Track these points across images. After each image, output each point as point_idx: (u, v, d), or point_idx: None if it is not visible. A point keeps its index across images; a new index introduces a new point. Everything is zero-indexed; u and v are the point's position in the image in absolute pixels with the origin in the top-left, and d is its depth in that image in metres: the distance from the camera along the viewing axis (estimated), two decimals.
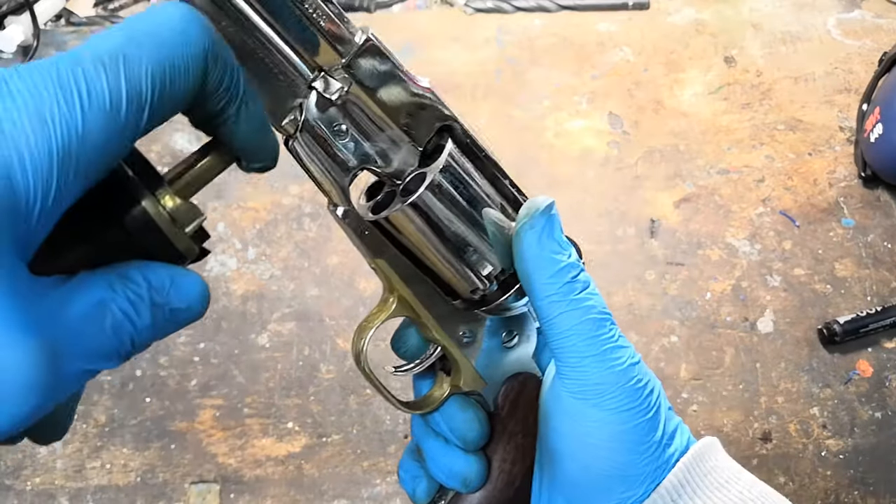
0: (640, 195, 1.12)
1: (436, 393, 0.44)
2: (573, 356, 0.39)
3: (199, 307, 0.29)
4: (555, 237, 0.39)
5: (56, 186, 0.23)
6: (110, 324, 0.25)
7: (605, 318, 0.40)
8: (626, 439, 0.39)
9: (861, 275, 1.07)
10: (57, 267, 0.25)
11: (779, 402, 0.98)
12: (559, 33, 1.26)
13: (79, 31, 1.26)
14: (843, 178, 1.15)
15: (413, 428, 0.46)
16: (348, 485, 0.93)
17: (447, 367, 0.44)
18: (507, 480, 0.44)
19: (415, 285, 0.41)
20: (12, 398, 0.22)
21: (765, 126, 1.19)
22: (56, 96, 0.23)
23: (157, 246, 0.28)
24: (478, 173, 0.40)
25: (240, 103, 0.29)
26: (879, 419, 0.97)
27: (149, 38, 0.25)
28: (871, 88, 1.18)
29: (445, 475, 0.43)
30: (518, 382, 0.44)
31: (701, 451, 0.41)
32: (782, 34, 1.28)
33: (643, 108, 1.20)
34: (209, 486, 0.92)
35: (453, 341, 0.42)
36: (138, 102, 0.25)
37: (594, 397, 0.39)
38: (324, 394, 0.97)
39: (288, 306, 1.02)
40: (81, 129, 0.23)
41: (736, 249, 1.09)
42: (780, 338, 1.02)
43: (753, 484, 0.41)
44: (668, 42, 1.27)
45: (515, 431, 0.44)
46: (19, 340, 0.22)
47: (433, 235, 0.39)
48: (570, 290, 0.39)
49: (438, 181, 0.38)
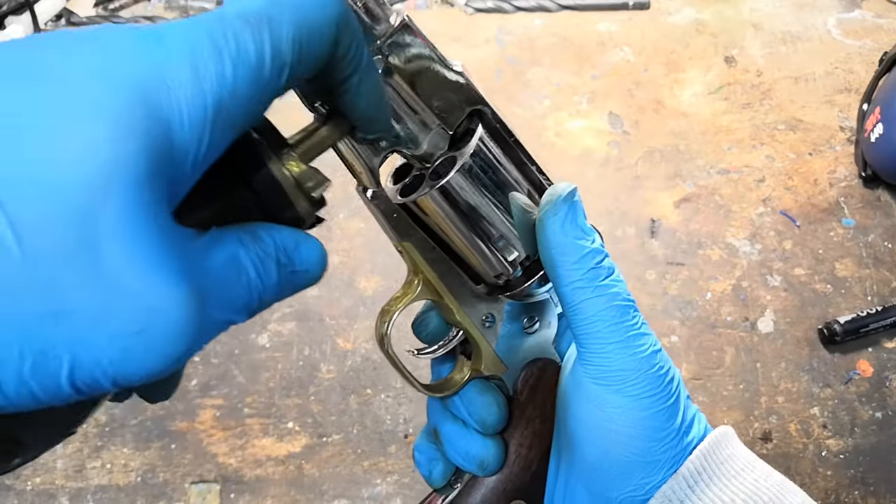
0: (641, 195, 1.12)
1: (456, 376, 0.44)
2: (597, 342, 0.39)
3: (318, 270, 0.30)
4: (578, 223, 0.39)
5: (208, 140, 0.24)
6: (244, 278, 0.26)
7: (629, 304, 0.40)
8: (647, 426, 0.39)
9: (861, 275, 1.07)
10: (189, 222, 0.26)
11: (779, 401, 0.98)
12: (559, 33, 1.26)
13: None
14: (844, 178, 1.15)
15: (430, 411, 0.46)
16: (348, 485, 0.93)
17: (468, 350, 0.44)
18: (524, 465, 0.44)
19: (440, 268, 0.41)
20: (166, 339, 0.23)
21: (765, 126, 1.19)
22: (209, 52, 0.24)
23: (280, 208, 0.29)
24: (506, 158, 0.40)
25: (363, 72, 0.30)
26: (880, 419, 0.97)
27: (289, 1, 0.26)
28: (871, 88, 1.18)
29: (462, 458, 0.43)
30: (537, 368, 0.45)
31: (717, 440, 0.41)
32: (782, 34, 1.28)
33: (643, 107, 1.20)
34: (209, 486, 0.92)
35: (476, 325, 0.42)
36: (280, 62, 0.25)
37: (617, 383, 0.39)
38: (324, 394, 0.97)
39: (288, 306, 1.02)
40: (231, 85, 0.24)
41: (736, 249, 1.09)
42: (781, 338, 1.02)
43: (770, 474, 0.41)
44: (669, 42, 1.27)
45: (533, 416, 0.44)
46: (173, 284, 0.22)
47: (461, 220, 0.39)
48: (595, 276, 0.39)
49: (469, 165, 0.38)
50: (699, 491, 0.40)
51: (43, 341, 0.21)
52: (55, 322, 0.21)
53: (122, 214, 0.21)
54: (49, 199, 0.21)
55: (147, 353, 0.22)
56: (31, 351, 0.21)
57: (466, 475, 0.44)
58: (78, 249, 0.21)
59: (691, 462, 0.40)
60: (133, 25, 0.24)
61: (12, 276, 0.20)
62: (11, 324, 0.21)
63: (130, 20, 1.28)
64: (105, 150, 0.21)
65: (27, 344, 0.21)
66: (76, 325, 0.21)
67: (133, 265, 0.22)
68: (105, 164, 0.21)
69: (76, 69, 0.22)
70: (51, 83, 0.22)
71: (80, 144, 0.21)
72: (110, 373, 0.22)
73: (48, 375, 0.21)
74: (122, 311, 0.22)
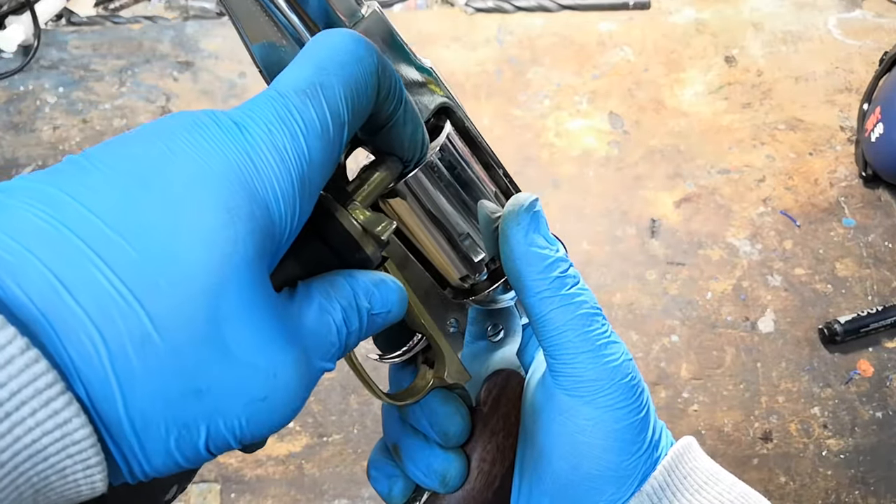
0: (641, 195, 1.12)
1: (419, 383, 0.42)
2: (567, 352, 0.38)
3: (399, 310, 0.32)
4: (541, 232, 0.39)
5: (298, 209, 0.27)
6: (333, 328, 0.28)
7: (596, 312, 0.39)
8: (619, 437, 0.38)
9: (862, 274, 1.07)
10: (277, 281, 0.28)
11: (779, 401, 0.98)
12: (560, 33, 1.26)
13: (79, 30, 1.26)
14: (844, 178, 1.15)
15: (386, 427, 0.44)
16: (349, 484, 0.93)
17: (430, 359, 0.43)
18: (487, 481, 0.42)
19: (405, 270, 0.40)
20: (286, 400, 0.26)
21: (765, 126, 1.19)
22: (282, 131, 0.26)
23: (352, 254, 0.31)
24: (473, 158, 0.39)
25: (405, 104, 0.32)
26: (880, 419, 0.97)
27: (333, 64, 0.28)
28: (871, 88, 1.18)
29: (423, 473, 0.42)
30: (501, 378, 0.43)
31: (680, 453, 0.41)
32: (783, 34, 1.28)
33: (644, 107, 1.20)
34: (210, 486, 0.92)
35: (440, 330, 0.41)
36: (339, 122, 0.28)
37: (589, 394, 0.38)
38: (324, 393, 0.97)
39: None
40: (308, 156, 0.27)
41: (736, 249, 1.09)
42: (781, 337, 1.02)
43: (733, 485, 0.40)
44: (669, 42, 1.27)
45: (497, 430, 0.43)
46: (287, 351, 0.25)
47: (426, 217, 0.38)
48: (560, 286, 0.38)
49: (435, 162, 0.37)
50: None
51: (186, 416, 0.24)
52: (196, 398, 0.24)
53: (241, 293, 0.24)
54: (179, 289, 0.23)
55: (271, 415, 0.25)
56: (176, 425, 0.24)
57: (426, 493, 0.43)
58: (209, 331, 0.23)
59: (654, 479, 0.39)
60: (205, 114, 0.26)
61: (158, 363, 0.23)
62: (159, 404, 0.23)
63: (130, 20, 1.28)
64: (220, 237, 0.24)
65: (172, 420, 0.23)
66: (214, 399, 0.24)
67: (256, 340, 0.24)
68: (222, 248, 0.24)
69: (180, 167, 0.24)
70: (161, 183, 0.24)
71: (198, 235, 0.23)
72: (240, 436, 0.25)
73: (190, 445, 0.24)
74: (250, 382, 0.24)
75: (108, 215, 0.23)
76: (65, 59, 1.23)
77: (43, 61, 1.23)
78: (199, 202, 0.24)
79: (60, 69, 1.22)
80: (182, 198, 0.24)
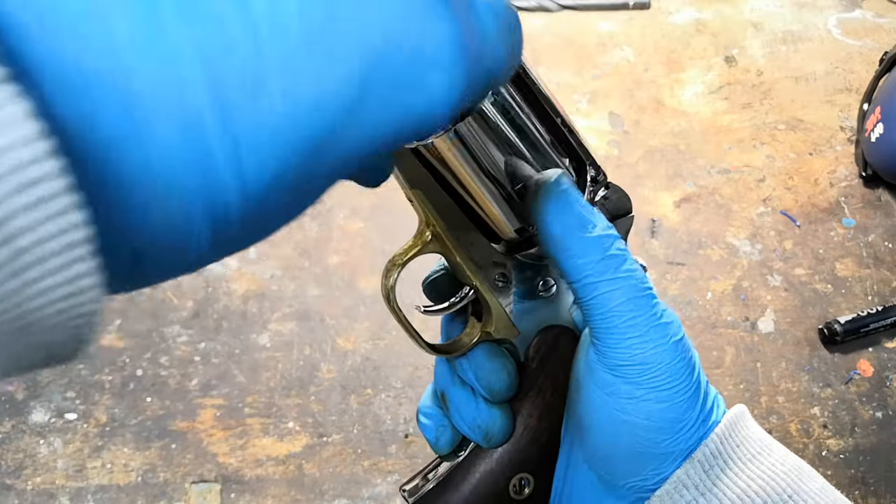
0: (641, 195, 1.12)
1: (465, 338, 0.41)
2: (613, 336, 0.36)
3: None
4: (575, 212, 0.36)
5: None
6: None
7: (646, 294, 0.37)
8: (662, 418, 0.36)
9: (862, 274, 1.07)
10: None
11: (779, 401, 0.98)
12: (560, 33, 1.26)
13: None
14: (844, 178, 1.15)
15: (437, 374, 0.43)
16: (349, 484, 0.93)
17: (479, 311, 0.41)
18: (532, 437, 0.41)
19: (452, 221, 0.38)
20: (447, 65, 0.21)
21: (765, 126, 1.19)
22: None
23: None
24: (528, 106, 0.36)
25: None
26: (880, 419, 0.97)
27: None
28: (871, 88, 1.18)
29: (468, 426, 0.41)
30: (551, 336, 0.41)
31: (733, 421, 0.39)
32: (783, 34, 1.28)
33: (644, 107, 1.20)
34: (210, 486, 0.92)
35: (487, 284, 0.39)
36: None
37: (633, 375, 0.36)
38: (324, 393, 0.97)
39: (289, 306, 1.02)
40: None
41: (737, 249, 1.09)
42: (781, 337, 1.02)
43: (786, 456, 0.39)
44: (669, 42, 1.27)
45: (545, 387, 0.41)
46: (445, 17, 0.21)
47: (478, 168, 0.35)
48: (606, 268, 0.35)
49: (486, 108, 0.34)
50: (714, 476, 0.37)
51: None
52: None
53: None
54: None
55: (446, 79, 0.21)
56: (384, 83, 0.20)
57: (471, 444, 0.42)
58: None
59: (707, 446, 0.37)
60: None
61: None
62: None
63: None
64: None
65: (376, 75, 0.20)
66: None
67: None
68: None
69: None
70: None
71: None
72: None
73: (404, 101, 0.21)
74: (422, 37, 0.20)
75: None
76: None
77: None
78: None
79: None
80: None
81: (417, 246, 0.39)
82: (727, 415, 0.39)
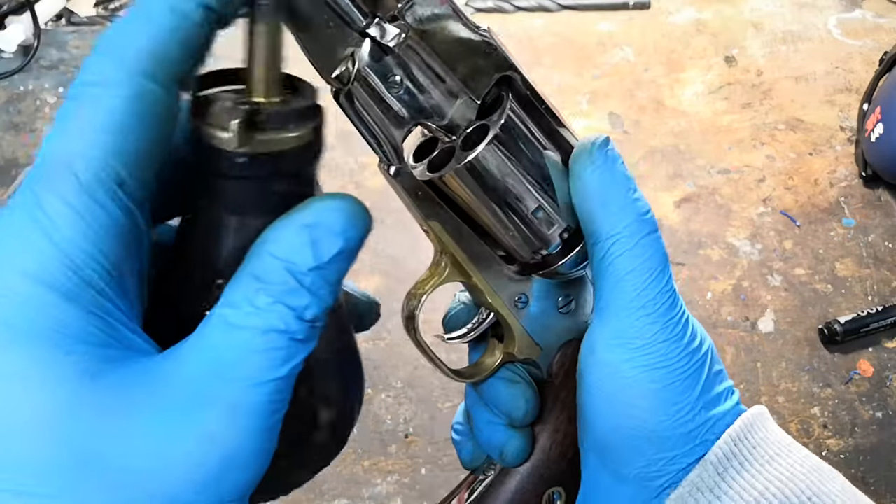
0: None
1: (487, 360, 0.41)
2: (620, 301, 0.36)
3: (355, 229, 0.28)
4: (618, 170, 0.36)
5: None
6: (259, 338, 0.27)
7: (665, 265, 0.37)
8: (659, 398, 0.36)
9: (862, 274, 1.07)
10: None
11: (779, 401, 0.98)
12: (560, 33, 1.26)
13: (79, 30, 1.26)
14: (844, 178, 1.15)
15: (466, 391, 0.44)
16: (349, 484, 0.92)
17: (500, 333, 0.41)
18: (560, 451, 0.42)
19: (469, 248, 0.38)
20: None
21: (765, 126, 1.19)
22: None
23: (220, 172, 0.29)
24: (538, 128, 0.37)
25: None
26: (880, 419, 0.97)
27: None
28: (871, 88, 1.18)
29: (486, 445, 0.42)
30: (573, 350, 0.41)
31: (750, 422, 0.38)
32: (783, 34, 1.28)
33: (644, 107, 1.20)
34: None
35: (507, 306, 0.40)
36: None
37: (631, 350, 0.36)
38: None
39: None
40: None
41: (737, 249, 1.09)
42: (781, 337, 1.02)
43: (806, 457, 0.38)
44: (669, 42, 1.27)
45: (569, 402, 0.41)
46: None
47: (492, 196, 0.36)
48: (638, 230, 0.36)
49: (499, 138, 0.35)
50: (729, 479, 0.37)
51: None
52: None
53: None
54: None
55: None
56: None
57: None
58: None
59: (719, 447, 0.37)
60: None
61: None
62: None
63: None
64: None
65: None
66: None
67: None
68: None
69: None
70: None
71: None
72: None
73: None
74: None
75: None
76: (65, 59, 1.23)
77: (43, 61, 1.23)
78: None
79: (60, 69, 1.22)
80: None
81: (436, 276, 0.39)
82: (743, 416, 0.39)
